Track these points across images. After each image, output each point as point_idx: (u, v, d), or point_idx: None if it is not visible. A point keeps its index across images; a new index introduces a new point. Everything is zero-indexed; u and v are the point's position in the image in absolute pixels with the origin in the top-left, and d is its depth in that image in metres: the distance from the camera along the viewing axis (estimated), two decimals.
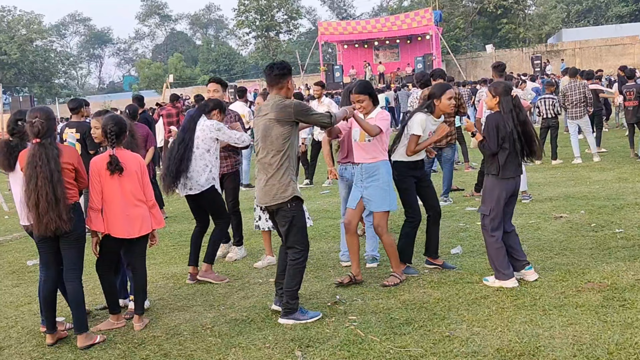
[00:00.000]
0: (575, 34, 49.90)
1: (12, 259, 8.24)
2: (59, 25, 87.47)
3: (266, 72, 5.17)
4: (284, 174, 4.99)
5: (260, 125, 5.06)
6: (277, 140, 4.97)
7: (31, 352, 4.89)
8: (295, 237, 5.06)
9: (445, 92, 5.96)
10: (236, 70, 66.35)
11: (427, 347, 4.35)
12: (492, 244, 5.55)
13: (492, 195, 5.52)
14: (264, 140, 5.02)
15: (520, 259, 5.59)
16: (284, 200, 4.98)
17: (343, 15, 79.40)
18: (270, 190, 5.00)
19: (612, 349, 4.09)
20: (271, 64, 5.20)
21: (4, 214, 12.08)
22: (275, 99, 5.06)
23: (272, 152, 4.98)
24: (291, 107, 4.98)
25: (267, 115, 5.02)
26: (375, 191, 5.72)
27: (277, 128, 4.96)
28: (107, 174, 5.02)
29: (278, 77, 5.08)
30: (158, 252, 7.81)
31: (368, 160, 5.75)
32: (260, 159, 5.07)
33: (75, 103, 8.94)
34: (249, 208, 10.51)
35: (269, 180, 5.01)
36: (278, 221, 5.12)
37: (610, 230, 7.09)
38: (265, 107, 5.08)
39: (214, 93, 6.90)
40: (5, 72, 62.22)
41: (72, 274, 4.92)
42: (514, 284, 5.43)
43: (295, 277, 5.07)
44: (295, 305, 5.05)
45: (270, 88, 5.15)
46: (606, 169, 11.59)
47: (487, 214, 5.54)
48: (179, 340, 4.90)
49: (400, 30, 42.19)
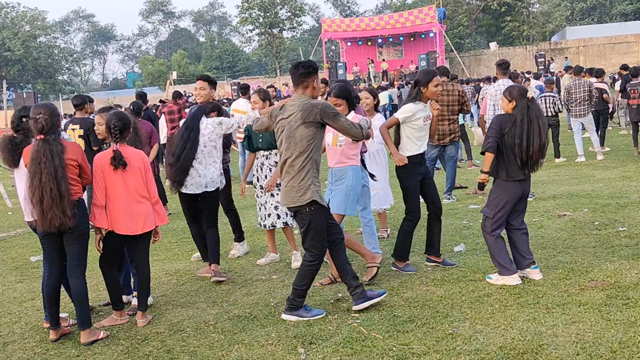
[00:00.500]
0: (579, 32, 49.83)
1: (15, 254, 8.26)
2: (63, 22, 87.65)
3: (291, 72, 5.08)
4: (305, 177, 4.90)
5: (284, 125, 4.95)
6: (301, 142, 4.86)
7: (35, 348, 4.90)
8: (311, 241, 4.99)
9: (432, 80, 5.94)
10: (239, 67, 66.40)
11: (430, 344, 4.35)
12: (492, 241, 5.55)
13: (497, 199, 5.50)
14: (288, 140, 4.92)
15: (526, 257, 5.58)
16: (301, 203, 4.91)
17: (346, 13, 79.36)
18: (290, 192, 4.95)
19: (615, 347, 4.08)
20: (297, 62, 5.10)
21: (8, 210, 12.10)
22: (301, 98, 4.96)
23: (296, 153, 4.89)
24: (317, 107, 4.86)
25: (292, 115, 4.90)
26: (338, 194, 5.77)
27: (302, 129, 4.85)
28: (111, 170, 5.02)
29: (303, 76, 4.98)
30: (161, 249, 7.83)
31: (338, 164, 5.81)
32: (285, 159, 4.97)
33: (79, 99, 8.95)
34: (251, 205, 10.53)
35: (289, 181, 4.94)
36: (298, 222, 5.08)
37: (614, 228, 7.08)
38: (291, 106, 4.97)
39: (200, 91, 6.83)
40: (9, 68, 62.35)
41: (75, 270, 4.93)
42: (517, 281, 5.43)
43: (306, 278, 5.05)
44: (301, 303, 5.05)
45: (296, 87, 5.05)
46: (610, 167, 11.57)
47: (491, 217, 5.54)
48: (182, 336, 4.91)
49: (403, 28, 42.16)
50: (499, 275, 5.51)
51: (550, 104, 12.60)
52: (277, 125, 5.07)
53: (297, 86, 5.03)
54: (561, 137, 13.13)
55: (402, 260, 6.13)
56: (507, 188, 5.47)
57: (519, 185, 5.49)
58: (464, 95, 9.47)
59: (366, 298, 5.08)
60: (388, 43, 44.75)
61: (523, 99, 5.42)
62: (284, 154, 4.98)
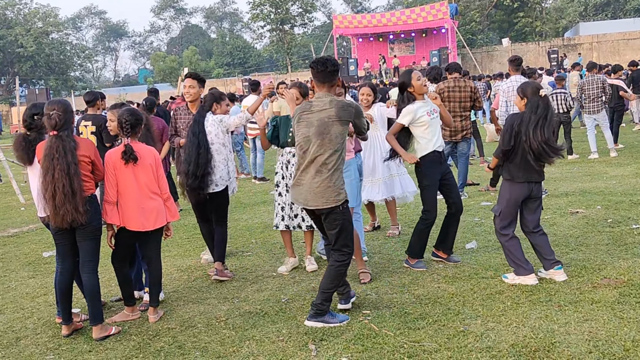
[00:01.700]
0: (593, 28, 49.42)
1: (28, 250, 8.32)
2: (75, 18, 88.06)
3: (318, 68, 4.86)
4: (339, 176, 4.79)
5: (313, 121, 4.76)
6: (337, 139, 4.72)
7: (47, 343, 4.93)
8: (345, 240, 4.85)
9: (412, 76, 5.96)
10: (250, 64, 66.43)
11: (441, 342, 4.34)
12: (505, 241, 5.52)
13: (504, 197, 5.50)
14: (320, 137, 4.72)
15: (548, 258, 5.49)
16: (337, 203, 4.76)
17: (358, 9, 79.17)
18: (324, 192, 4.73)
19: (629, 345, 4.05)
20: (323, 59, 4.92)
21: (20, 206, 12.18)
22: (329, 96, 4.82)
23: (330, 151, 4.72)
24: (353, 107, 4.81)
25: (324, 111, 4.74)
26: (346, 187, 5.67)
27: (337, 126, 4.72)
28: (122, 167, 5.04)
29: (332, 74, 4.86)
30: (173, 245, 7.85)
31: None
32: (315, 157, 4.75)
33: (91, 96, 8.98)
34: (262, 202, 10.54)
35: (323, 181, 4.73)
36: (327, 224, 4.85)
37: (627, 226, 7.03)
38: (320, 102, 4.79)
39: (189, 89, 6.81)
40: (22, 64, 62.68)
41: (88, 266, 4.95)
42: (534, 281, 5.37)
43: (335, 280, 4.88)
44: (327, 307, 4.87)
45: (321, 85, 4.87)
46: (623, 164, 11.49)
47: (497, 214, 5.54)
48: (194, 332, 4.92)
49: (415, 24, 42.03)
50: (515, 275, 5.47)
51: (562, 100, 12.51)
52: (302, 121, 4.86)
53: (322, 84, 4.87)
54: (574, 134, 13.05)
55: (414, 258, 6.11)
56: (511, 187, 5.46)
57: (524, 187, 5.42)
58: (476, 92, 9.42)
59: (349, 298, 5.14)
60: (400, 39, 44.64)
61: (535, 97, 5.39)
62: (314, 152, 4.74)
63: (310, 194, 4.78)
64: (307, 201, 4.82)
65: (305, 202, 4.84)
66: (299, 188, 4.88)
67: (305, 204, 4.85)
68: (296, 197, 4.92)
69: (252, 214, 9.62)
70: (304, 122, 4.83)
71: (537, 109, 5.33)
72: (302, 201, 4.86)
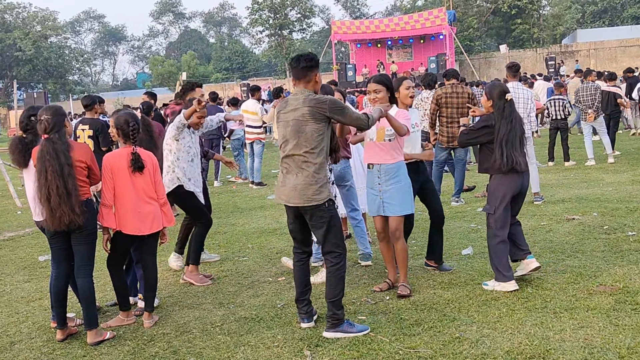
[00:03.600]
0: (590, 35, 49.61)
1: (24, 254, 8.30)
2: (74, 22, 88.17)
3: (292, 65, 4.84)
4: (320, 173, 4.68)
5: (289, 121, 4.72)
6: (312, 136, 4.64)
7: (42, 348, 4.91)
8: (334, 238, 4.72)
9: (403, 83, 5.89)
10: (249, 69, 66.54)
11: (436, 348, 4.33)
12: (495, 243, 5.49)
13: (496, 194, 5.50)
14: (296, 136, 4.67)
15: (522, 248, 5.59)
16: (319, 202, 4.65)
17: (356, 14, 79.34)
18: (305, 190, 4.65)
19: (624, 353, 4.05)
20: (297, 55, 4.87)
21: (17, 210, 12.16)
22: (305, 93, 4.74)
23: (305, 149, 4.65)
24: (326, 104, 4.65)
25: (297, 110, 4.68)
26: (397, 194, 5.47)
27: (311, 124, 4.63)
28: (121, 171, 5.04)
29: (306, 70, 4.77)
30: (169, 250, 7.82)
31: (388, 160, 5.48)
32: (291, 155, 4.71)
33: (88, 100, 8.98)
34: (259, 207, 10.54)
35: (305, 178, 4.65)
36: (313, 224, 4.75)
37: (623, 232, 7.04)
38: (295, 101, 4.74)
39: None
40: (20, 68, 62.73)
41: (83, 270, 4.94)
42: (514, 287, 5.36)
43: (338, 285, 4.72)
44: (342, 315, 4.72)
45: (297, 82, 4.82)
46: (619, 171, 11.50)
47: (492, 212, 5.51)
48: (189, 337, 4.91)
49: (413, 30, 42.06)
50: (495, 281, 5.47)
51: (560, 107, 12.53)
52: (280, 121, 4.82)
53: (299, 80, 4.81)
54: (570, 141, 13.07)
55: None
56: (504, 181, 5.46)
57: (515, 178, 5.47)
58: (473, 98, 9.46)
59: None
60: (398, 45, 44.68)
61: (501, 100, 5.48)
62: (291, 150, 4.70)
63: (292, 191, 4.70)
64: (289, 198, 4.73)
65: (287, 200, 4.75)
66: (281, 187, 4.81)
67: (287, 201, 4.76)
68: (279, 195, 4.84)
69: (248, 218, 9.61)
70: (282, 122, 4.79)
71: (503, 112, 5.44)
72: (285, 198, 4.77)
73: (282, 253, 7.29)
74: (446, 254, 6.73)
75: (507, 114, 5.44)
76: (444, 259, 6.49)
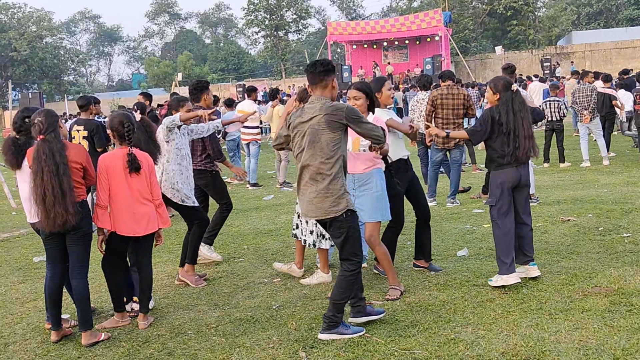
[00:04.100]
0: (586, 37, 49.67)
1: (18, 255, 8.27)
2: (69, 23, 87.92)
3: (309, 70, 4.73)
4: (337, 184, 4.57)
5: (305, 130, 4.61)
6: (328, 147, 4.53)
7: (36, 349, 4.90)
8: (352, 248, 4.64)
9: (384, 84, 5.93)
10: (245, 69, 66.44)
11: (431, 349, 4.33)
12: (500, 232, 5.53)
13: (496, 186, 5.56)
14: (311, 145, 4.56)
15: (527, 254, 5.64)
16: (337, 213, 4.56)
17: (352, 16, 79.35)
18: (321, 202, 4.56)
19: (619, 354, 4.05)
20: (314, 61, 4.79)
21: (11, 211, 12.12)
22: (321, 100, 4.63)
23: (320, 160, 4.55)
24: (343, 111, 4.54)
25: (314, 118, 4.56)
26: (367, 200, 5.49)
27: (327, 133, 4.53)
28: (116, 171, 5.03)
29: (322, 74, 4.67)
30: (164, 251, 7.82)
31: (361, 169, 5.51)
32: (307, 165, 4.61)
33: (84, 100, 8.96)
34: (254, 208, 10.53)
35: (319, 191, 4.57)
36: (332, 233, 4.69)
37: (618, 234, 7.05)
38: (311, 109, 4.62)
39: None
40: (15, 68, 62.58)
41: (78, 271, 4.92)
42: (516, 279, 5.41)
43: (347, 290, 4.68)
44: (340, 318, 4.70)
45: (314, 87, 4.71)
46: (615, 173, 11.53)
47: (494, 204, 5.58)
48: (183, 339, 4.90)
49: (409, 31, 42.15)
50: (498, 275, 5.51)
51: (555, 108, 12.56)
52: (296, 130, 4.70)
53: (315, 85, 4.70)
54: (566, 142, 13.09)
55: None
56: (502, 174, 5.53)
57: (513, 170, 5.53)
58: (469, 99, 9.46)
59: (365, 313, 4.94)
60: (393, 46, 44.75)
61: (507, 92, 5.51)
62: (306, 161, 4.60)
63: (309, 204, 4.65)
64: (308, 212, 4.69)
65: (306, 213, 4.72)
66: (300, 198, 4.78)
67: (307, 214, 4.74)
68: (300, 206, 4.83)
69: (244, 219, 9.60)
70: (298, 130, 4.69)
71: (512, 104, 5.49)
72: (304, 212, 4.75)
73: (278, 254, 7.30)
74: (441, 255, 6.75)
75: (517, 106, 5.49)
76: (439, 260, 6.50)
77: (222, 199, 7.07)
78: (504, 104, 5.51)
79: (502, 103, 5.52)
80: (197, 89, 6.92)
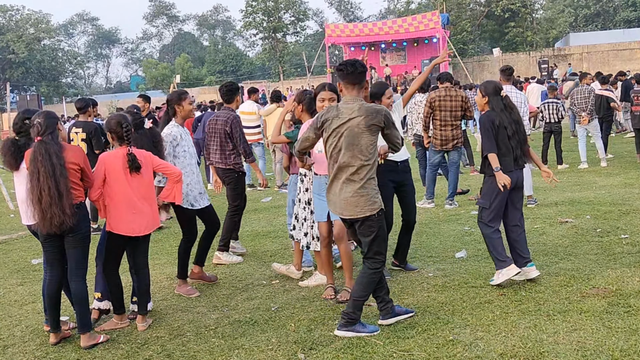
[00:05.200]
0: (583, 38, 49.77)
1: (17, 257, 8.27)
2: (67, 25, 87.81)
3: (348, 70, 4.68)
4: (372, 185, 4.66)
5: (343, 131, 4.60)
6: (367, 149, 4.59)
7: (35, 351, 4.90)
8: (378, 247, 4.73)
9: (385, 93, 5.95)
10: (243, 71, 66.46)
11: (430, 351, 4.34)
12: (490, 234, 5.61)
13: (492, 191, 5.58)
14: (350, 147, 4.58)
15: (523, 256, 5.65)
16: (372, 212, 4.65)
17: (350, 18, 79.36)
18: (358, 202, 4.63)
19: (617, 355, 4.07)
20: (352, 61, 4.75)
21: (10, 212, 12.11)
22: (358, 101, 4.64)
23: (361, 161, 4.60)
24: (382, 115, 4.60)
25: (352, 119, 4.57)
26: None
27: (367, 136, 4.57)
28: (116, 170, 5.05)
29: (362, 75, 4.67)
30: (162, 253, 7.82)
31: None
32: (345, 166, 4.63)
33: (82, 102, 8.96)
34: (252, 210, 10.53)
35: (355, 191, 4.62)
36: (361, 232, 4.74)
37: (616, 235, 7.07)
38: (348, 109, 4.62)
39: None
40: (13, 70, 62.50)
41: (76, 274, 4.93)
42: (517, 269, 5.47)
43: (368, 287, 4.76)
44: (358, 316, 4.75)
45: (351, 87, 4.69)
46: (612, 174, 11.55)
47: (487, 207, 5.61)
48: (182, 341, 4.90)
49: (407, 33, 42.13)
50: (498, 271, 5.54)
51: (554, 110, 12.57)
52: (334, 132, 4.65)
53: (352, 86, 4.69)
54: (563, 144, 13.11)
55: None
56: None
57: (513, 174, 5.57)
58: (467, 101, 9.47)
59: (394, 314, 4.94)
60: (391, 48, 44.72)
61: (496, 96, 5.57)
62: (345, 162, 4.62)
63: (344, 203, 4.69)
64: (342, 211, 4.73)
65: (341, 212, 4.76)
66: (332, 197, 4.80)
67: (341, 213, 4.77)
68: (332, 208, 4.85)
69: (242, 221, 9.56)
70: (333, 131, 4.67)
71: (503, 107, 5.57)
72: (338, 211, 4.77)
73: (276, 256, 7.30)
74: (439, 256, 6.76)
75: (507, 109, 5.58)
76: (438, 261, 6.52)
77: (235, 200, 7.25)
78: (495, 107, 5.57)
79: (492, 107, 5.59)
80: (231, 91, 7.20)
